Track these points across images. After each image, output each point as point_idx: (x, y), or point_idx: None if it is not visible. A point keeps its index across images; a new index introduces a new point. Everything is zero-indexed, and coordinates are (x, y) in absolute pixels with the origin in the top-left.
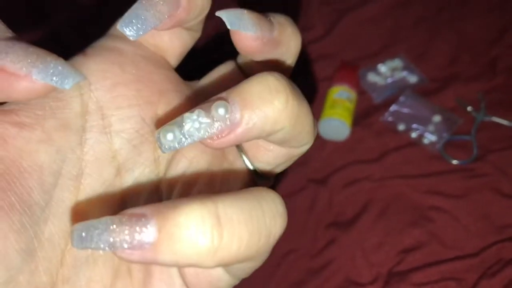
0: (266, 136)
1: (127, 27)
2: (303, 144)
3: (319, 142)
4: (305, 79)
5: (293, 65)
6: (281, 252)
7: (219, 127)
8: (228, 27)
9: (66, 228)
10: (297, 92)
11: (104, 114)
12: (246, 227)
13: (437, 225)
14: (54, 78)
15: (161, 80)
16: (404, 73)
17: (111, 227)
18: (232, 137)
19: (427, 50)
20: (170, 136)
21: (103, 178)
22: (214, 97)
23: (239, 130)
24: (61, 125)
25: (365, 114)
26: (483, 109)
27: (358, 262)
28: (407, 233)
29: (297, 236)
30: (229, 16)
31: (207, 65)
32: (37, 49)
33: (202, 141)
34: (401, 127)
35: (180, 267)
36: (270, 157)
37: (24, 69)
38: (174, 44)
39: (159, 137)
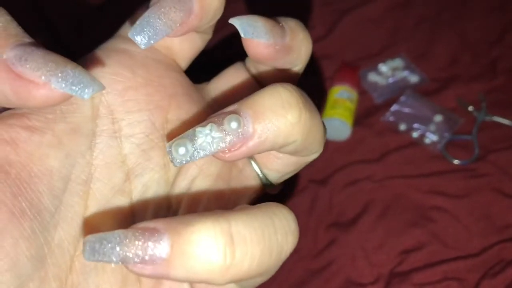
0: (278, 149)
1: (138, 35)
2: (313, 153)
3: None
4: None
5: (302, 70)
6: None
7: (232, 141)
8: (242, 35)
9: (75, 233)
10: (309, 104)
11: (114, 118)
12: (258, 246)
13: (438, 225)
14: (73, 88)
15: (172, 84)
16: (405, 73)
17: (124, 241)
18: (244, 150)
19: (428, 50)
20: (182, 150)
21: (112, 183)
22: (226, 110)
23: (251, 144)
24: (72, 129)
25: (366, 114)
26: (484, 109)
27: (359, 262)
28: (408, 233)
29: (298, 236)
30: (242, 24)
31: (216, 65)
32: (56, 57)
33: (214, 155)
34: (402, 127)
35: (191, 283)
36: (279, 165)
37: (43, 77)
38: (185, 47)
39: (170, 151)
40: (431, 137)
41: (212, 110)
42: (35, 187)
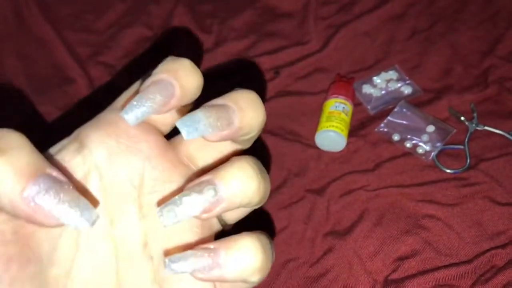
0: (243, 206)
1: (127, 115)
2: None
3: (316, 153)
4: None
5: (257, 135)
6: (281, 261)
7: (209, 205)
8: (185, 138)
9: (67, 269)
10: (264, 173)
11: (102, 177)
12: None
13: (431, 233)
14: (78, 225)
15: (148, 147)
16: (399, 85)
17: (194, 257)
18: (218, 211)
19: (421, 62)
20: (172, 214)
21: (98, 229)
22: (203, 180)
23: (224, 206)
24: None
25: (360, 125)
26: (475, 118)
27: (355, 270)
28: (402, 241)
29: (296, 245)
30: (184, 125)
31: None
32: (69, 194)
33: (194, 216)
34: (396, 137)
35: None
36: (236, 214)
37: (56, 216)
38: (166, 117)
39: (161, 215)
40: (424, 147)
41: (185, 166)
42: (38, 236)
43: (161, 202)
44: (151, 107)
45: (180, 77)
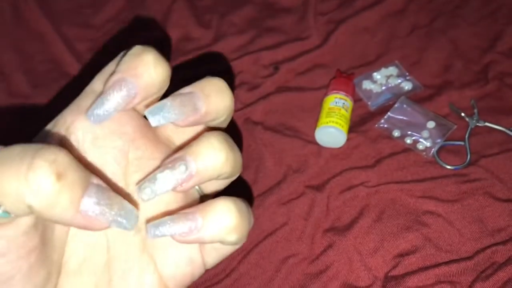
0: (215, 178)
1: (91, 116)
2: (236, 176)
3: (316, 149)
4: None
5: (228, 120)
6: (281, 257)
7: (182, 179)
8: (152, 125)
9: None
10: (232, 145)
11: (88, 157)
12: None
13: (431, 230)
14: (121, 227)
15: (132, 130)
16: (399, 80)
17: (173, 222)
18: (190, 184)
19: (421, 58)
20: (148, 190)
21: None
22: (176, 157)
23: (195, 179)
24: None
25: (360, 121)
26: (476, 115)
27: (355, 266)
28: (402, 238)
29: (296, 241)
30: (151, 114)
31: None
32: (117, 200)
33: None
34: (396, 133)
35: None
36: (214, 186)
37: (105, 221)
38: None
39: (139, 191)
40: (424, 143)
41: (165, 145)
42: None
43: (141, 180)
44: (113, 109)
45: (141, 74)
